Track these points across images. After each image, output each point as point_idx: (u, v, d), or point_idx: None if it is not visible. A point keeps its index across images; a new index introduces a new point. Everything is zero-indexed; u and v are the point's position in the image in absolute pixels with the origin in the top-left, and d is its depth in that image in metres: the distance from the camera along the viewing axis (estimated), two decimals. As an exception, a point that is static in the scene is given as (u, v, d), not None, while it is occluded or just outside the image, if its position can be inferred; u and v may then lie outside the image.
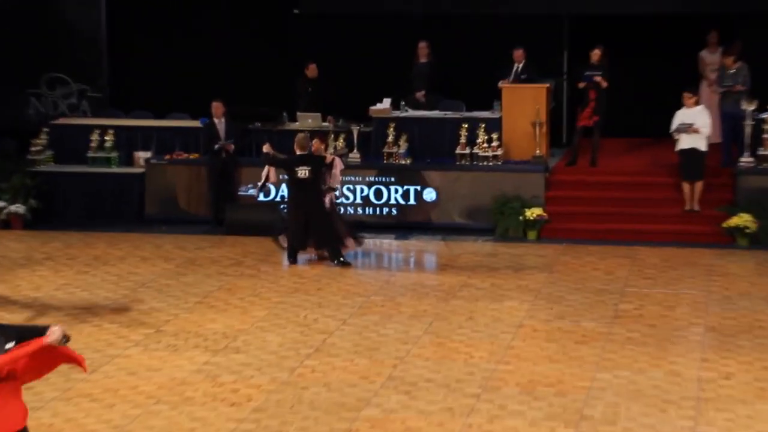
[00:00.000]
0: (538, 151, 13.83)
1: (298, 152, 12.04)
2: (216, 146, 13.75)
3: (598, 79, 13.91)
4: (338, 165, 12.22)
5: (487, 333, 9.61)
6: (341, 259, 11.90)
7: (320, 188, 11.92)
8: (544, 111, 13.94)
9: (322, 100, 14.81)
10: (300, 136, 12.26)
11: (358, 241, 12.26)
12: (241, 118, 14.49)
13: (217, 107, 13.86)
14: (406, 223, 13.78)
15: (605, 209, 13.50)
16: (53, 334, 5.73)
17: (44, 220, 14.05)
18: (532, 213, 13.24)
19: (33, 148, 14.55)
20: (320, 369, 8.70)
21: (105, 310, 10.31)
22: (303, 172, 11.83)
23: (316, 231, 11.86)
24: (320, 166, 11.95)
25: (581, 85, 14.04)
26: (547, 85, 14.23)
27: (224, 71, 16.37)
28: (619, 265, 11.98)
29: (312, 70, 14.92)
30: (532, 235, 13.30)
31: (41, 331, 5.79)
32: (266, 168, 12.29)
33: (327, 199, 11.98)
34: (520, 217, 13.26)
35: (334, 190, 12.27)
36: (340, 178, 12.38)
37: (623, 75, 15.18)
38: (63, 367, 8.66)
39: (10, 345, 5.71)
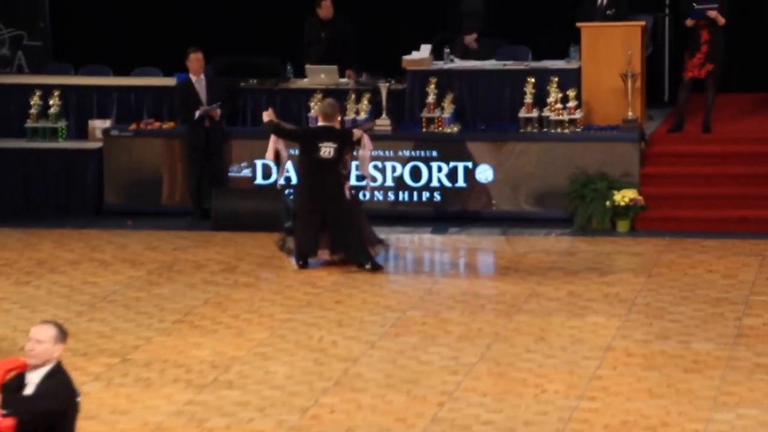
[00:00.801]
0: (630, 113, 13.87)
1: (320, 123, 12.12)
2: (197, 113, 13.87)
3: (713, 14, 13.91)
4: (368, 145, 12.20)
5: (564, 359, 9.69)
6: (372, 262, 12.00)
7: (340, 172, 12.01)
8: (639, 59, 13.97)
9: (340, 48, 14.87)
10: (327, 101, 12.28)
11: (382, 245, 12.35)
12: (229, 73, 14.59)
13: (194, 60, 13.95)
14: (453, 212, 13.88)
15: (722, 190, 13.52)
16: None
17: (-30, 213, 14.27)
18: (623, 197, 13.30)
19: (-47, 118, 14.78)
20: (341, 408, 8.82)
21: (54, 332, 10.48)
22: (327, 150, 11.88)
23: (335, 229, 11.96)
24: (346, 144, 12.03)
25: (690, 22, 14.05)
26: (643, 23, 14.25)
27: (206, 11, 16.50)
28: (743, 266, 12.00)
29: (325, 9, 14.98)
30: (623, 226, 13.35)
31: None
32: (272, 141, 12.24)
33: (346, 190, 12.06)
34: (607, 203, 13.32)
35: (367, 179, 12.35)
36: (370, 162, 12.42)
37: (747, 8, 15.16)
38: None
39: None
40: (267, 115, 12.19)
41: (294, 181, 13.36)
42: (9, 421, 6.08)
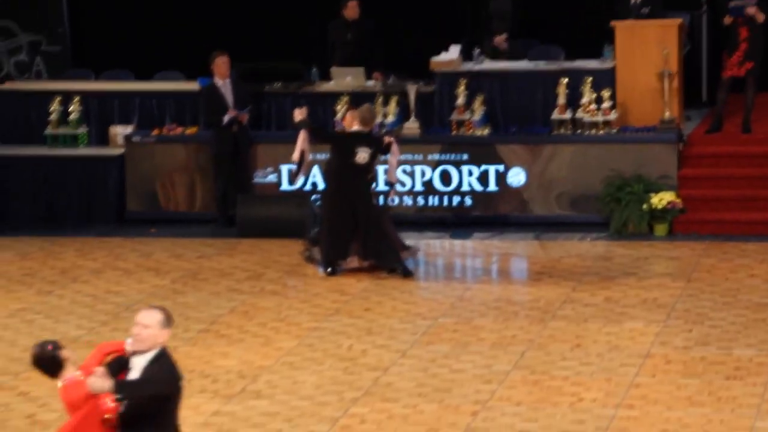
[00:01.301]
0: (667, 114, 13.87)
1: (356, 128, 12.18)
2: (226, 118, 13.92)
3: (752, 11, 13.90)
4: (396, 152, 12.32)
5: (601, 366, 9.70)
6: (403, 267, 12.05)
7: (372, 180, 12.10)
8: (676, 57, 13.97)
9: (366, 50, 14.91)
10: (366, 107, 12.37)
11: (410, 251, 12.39)
12: (252, 77, 14.65)
13: (221, 64, 14.02)
14: (485, 217, 13.91)
15: (763, 192, 13.50)
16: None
17: (-10, 222, 14.38)
18: (661, 200, 13.30)
19: (-29, 125, 14.90)
20: (372, 419, 8.86)
21: (77, 343, 10.56)
22: (363, 155, 11.97)
23: (366, 235, 12.01)
24: (379, 150, 12.12)
25: (728, 20, 14.04)
26: (680, 20, 14.25)
27: (229, 14, 16.58)
28: (785, 270, 12.01)
29: (351, 10, 15.01)
30: (660, 230, 13.35)
31: None
32: (301, 141, 12.28)
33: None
34: (644, 206, 13.32)
35: (393, 185, 12.41)
36: (398, 168, 12.52)
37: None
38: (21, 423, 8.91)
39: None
40: (299, 114, 12.21)
41: (320, 186, 13.40)
42: (113, 404, 6.30)
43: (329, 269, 12.15)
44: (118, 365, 6.55)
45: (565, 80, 13.94)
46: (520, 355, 9.96)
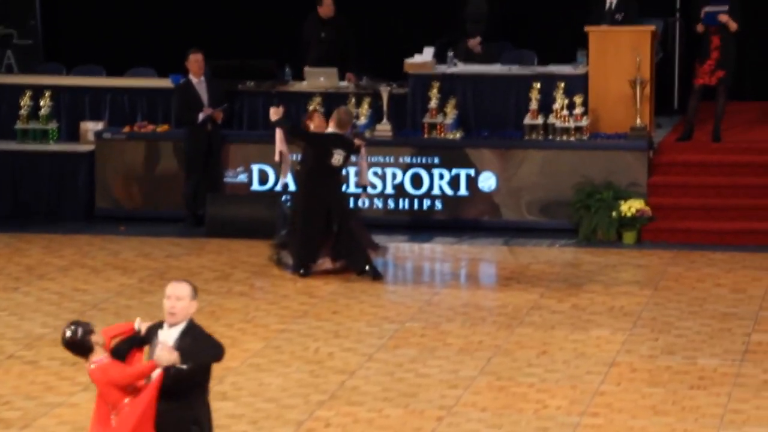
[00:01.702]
0: (638, 121, 13.94)
1: (332, 129, 12.18)
2: (201, 116, 13.90)
3: (724, 18, 13.98)
4: (364, 155, 12.41)
5: (566, 373, 9.75)
6: (373, 268, 12.08)
7: (343, 181, 12.15)
8: (648, 65, 14.04)
9: (340, 49, 14.92)
10: (344, 109, 12.46)
11: (377, 250, 12.41)
12: (225, 75, 14.64)
13: (194, 61, 14.01)
14: (455, 221, 13.94)
15: (732, 201, 13.58)
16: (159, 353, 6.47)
17: (-43, 216, 14.32)
18: (630, 207, 13.36)
19: (-60, 118, 14.82)
20: (337, 422, 8.88)
21: (42, 341, 10.55)
22: (339, 157, 12.00)
23: (339, 236, 12.03)
24: (351, 153, 12.15)
25: (701, 28, 14.11)
26: (653, 27, 14.31)
27: (203, 11, 16.55)
28: (753, 280, 12.06)
29: (327, 8, 15.00)
30: (629, 237, 13.41)
31: None
32: (279, 141, 12.25)
33: None
34: (613, 213, 13.38)
35: (365, 188, 12.45)
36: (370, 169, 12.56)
37: (759, 14, 15.23)
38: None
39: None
40: (275, 113, 12.17)
41: (291, 187, 13.41)
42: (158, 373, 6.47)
43: (301, 270, 12.15)
44: (128, 345, 6.71)
45: (538, 85, 13.98)
46: (486, 361, 10.00)
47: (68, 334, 6.67)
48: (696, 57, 14.28)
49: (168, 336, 6.60)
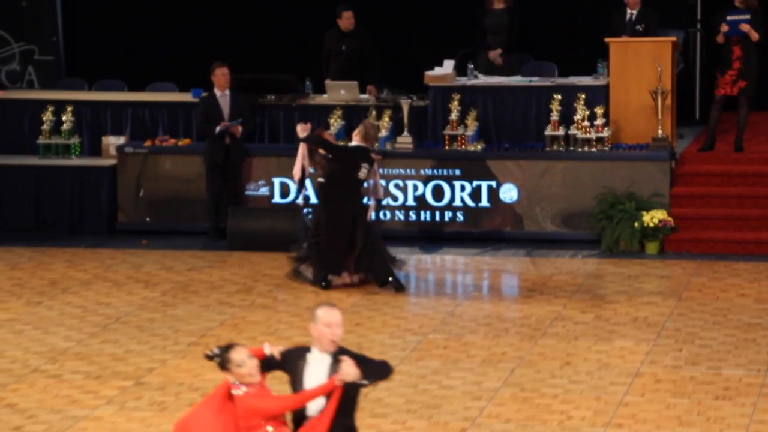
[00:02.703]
0: (660, 132, 13.91)
1: (357, 142, 12.20)
2: (218, 129, 13.95)
3: (746, 28, 13.95)
4: (377, 170, 12.41)
5: (590, 384, 9.72)
6: (396, 279, 12.07)
7: (364, 193, 12.16)
8: (669, 75, 14.02)
9: (360, 62, 14.93)
10: (371, 123, 12.47)
11: (398, 264, 12.39)
12: (246, 89, 14.67)
13: (220, 75, 14.04)
14: (477, 233, 13.93)
15: (755, 212, 13.54)
16: (342, 371, 6.48)
17: (-20, 231, 14.38)
18: (652, 218, 13.33)
19: (-38, 134, 14.91)
20: (361, 435, 8.87)
21: (66, 354, 10.57)
22: (364, 170, 12.03)
23: (363, 249, 12.02)
24: (372, 167, 12.18)
25: (721, 39, 14.09)
26: (674, 38, 14.30)
27: (223, 26, 16.60)
28: (776, 290, 12.04)
29: (347, 20, 15.03)
30: (652, 248, 13.38)
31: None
32: (300, 156, 12.26)
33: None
34: (636, 224, 13.35)
35: (379, 201, 12.44)
36: (382, 185, 12.48)
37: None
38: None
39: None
40: (303, 130, 12.20)
41: (312, 200, 13.41)
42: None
43: (323, 283, 12.15)
44: (267, 366, 6.73)
45: (559, 97, 13.98)
46: (509, 372, 9.97)
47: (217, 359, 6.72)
48: (717, 67, 14.26)
49: (322, 360, 6.59)
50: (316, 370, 6.62)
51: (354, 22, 14.96)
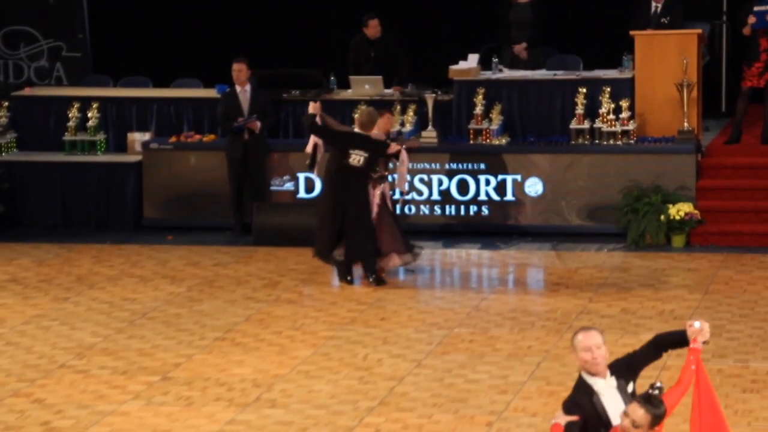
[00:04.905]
0: (686, 125, 13.84)
1: (356, 130, 12.19)
2: (235, 125, 13.97)
3: (772, 20, 13.87)
4: (405, 161, 12.28)
5: (617, 378, 9.68)
6: (375, 275, 12.07)
7: (368, 181, 12.06)
8: (695, 68, 13.95)
9: (389, 67, 14.87)
10: (366, 110, 12.41)
11: (414, 254, 12.33)
12: (270, 85, 14.68)
13: (239, 71, 14.07)
14: (502, 227, 13.89)
15: (782, 204, 13.47)
16: (703, 330, 6.12)
17: (7, 228, 14.40)
18: (679, 211, 13.27)
19: (-11, 130, 14.96)
20: (387, 429, 8.86)
21: (92, 350, 10.60)
22: (357, 158, 11.99)
23: (349, 236, 12.00)
24: (379, 155, 12.10)
25: (747, 30, 14.01)
26: (699, 30, 14.22)
27: (248, 22, 16.61)
28: (804, 283, 11.97)
29: (373, 29, 14.98)
30: (678, 241, 13.32)
31: (673, 339, 6.26)
32: (312, 136, 12.27)
33: (377, 194, 12.08)
34: (662, 217, 13.29)
35: (402, 195, 12.35)
36: (408, 177, 12.40)
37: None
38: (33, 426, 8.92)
39: (630, 386, 6.18)
40: (312, 108, 12.22)
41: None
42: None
43: (344, 278, 12.14)
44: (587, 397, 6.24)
45: (584, 90, 13.92)
46: (536, 366, 9.94)
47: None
48: (743, 59, 14.18)
49: (608, 384, 6.23)
50: (613, 397, 6.23)
51: (380, 29, 14.94)
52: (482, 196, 13.92)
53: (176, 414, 9.15)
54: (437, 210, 13.99)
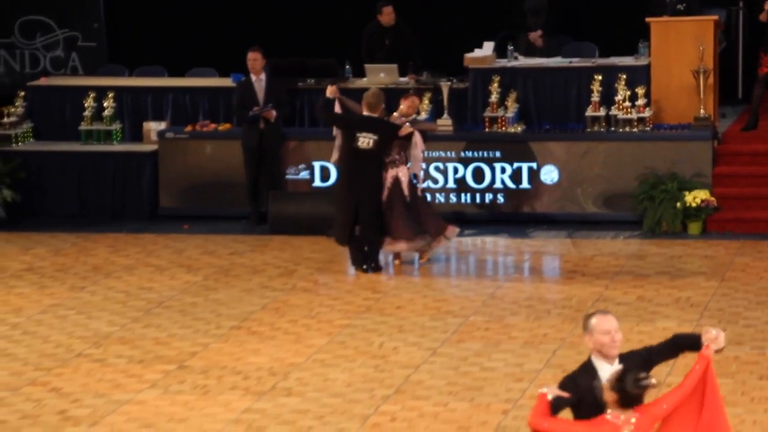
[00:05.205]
0: (702, 111, 13.80)
1: (365, 112, 12.19)
2: (251, 114, 13.98)
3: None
4: (419, 144, 12.20)
5: (633, 366, 9.66)
6: (375, 264, 12.09)
7: (380, 165, 12.03)
8: (711, 54, 13.90)
9: (403, 54, 14.85)
10: (371, 91, 12.36)
11: (446, 235, 12.24)
12: (286, 73, 14.68)
13: (254, 60, 14.07)
14: (517, 215, 13.88)
15: (799, 191, 13.42)
16: (717, 339, 6.09)
17: (23, 217, 14.44)
18: (695, 198, 13.24)
19: (5, 120, 14.95)
20: (403, 417, 8.86)
21: (109, 339, 10.63)
22: (366, 140, 11.97)
23: (362, 220, 11.99)
24: (390, 138, 12.07)
25: (764, 17, 13.95)
26: (716, 17, 14.17)
27: (262, 10, 16.61)
28: (820, 270, 11.93)
29: (387, 16, 14.96)
30: (694, 228, 13.29)
31: (689, 342, 6.21)
32: (338, 108, 12.30)
33: (388, 177, 12.04)
34: (678, 204, 13.26)
35: (417, 179, 12.28)
36: (422, 162, 12.28)
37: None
38: (48, 419, 8.95)
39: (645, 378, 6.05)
40: (330, 92, 12.26)
41: None
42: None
43: (364, 266, 12.15)
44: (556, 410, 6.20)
45: (600, 77, 13.89)
46: (551, 354, 9.94)
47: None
48: (760, 46, 14.12)
49: (614, 369, 6.15)
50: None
51: (394, 16, 14.93)
52: (498, 184, 13.90)
53: (192, 402, 9.17)
54: (453, 198, 13.98)
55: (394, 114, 12.27)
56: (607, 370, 6.21)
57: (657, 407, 6.16)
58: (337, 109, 12.36)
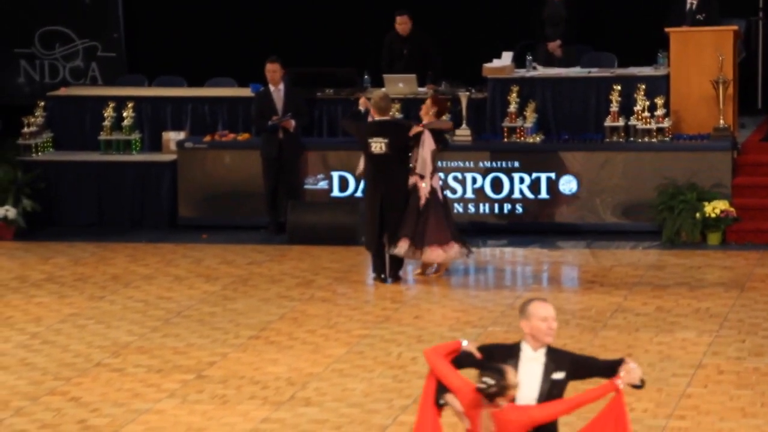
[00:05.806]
0: (722, 122, 13.77)
1: (376, 117, 12.20)
2: (270, 123, 14.01)
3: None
4: (428, 143, 12.02)
5: (652, 376, 9.64)
6: (393, 273, 12.08)
7: (401, 168, 12.01)
8: (731, 64, 13.87)
9: (422, 64, 14.86)
10: (379, 94, 12.35)
11: (465, 250, 12.21)
12: (304, 83, 14.70)
13: (272, 70, 14.10)
14: (536, 225, 13.87)
15: (819, 201, 13.37)
16: (632, 373, 6.15)
17: (43, 227, 14.49)
18: (714, 208, 13.20)
19: (25, 130, 15.00)
20: (421, 427, 8.85)
21: (128, 348, 10.64)
22: (378, 145, 11.98)
23: (388, 228, 11.99)
24: (401, 140, 12.04)
25: (783, 26, 13.92)
26: (735, 27, 14.15)
27: (281, 21, 16.64)
28: (841, 281, 11.88)
29: (402, 25, 14.99)
30: (714, 239, 13.25)
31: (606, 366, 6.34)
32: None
33: (421, 185, 12.01)
34: (697, 215, 13.23)
35: (422, 178, 11.98)
36: (431, 164, 11.98)
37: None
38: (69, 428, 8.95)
39: (559, 375, 6.25)
40: (363, 104, 12.35)
41: None
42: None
43: (382, 276, 12.17)
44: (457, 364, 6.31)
45: (618, 87, 13.88)
46: (570, 365, 9.90)
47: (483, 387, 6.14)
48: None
49: (537, 358, 6.28)
50: (532, 369, 6.29)
51: (410, 25, 14.94)
52: (516, 194, 13.89)
53: (211, 412, 9.18)
54: (471, 208, 13.98)
55: (431, 120, 12.21)
56: (529, 355, 6.28)
57: (522, 413, 6.14)
58: (370, 120, 12.36)
